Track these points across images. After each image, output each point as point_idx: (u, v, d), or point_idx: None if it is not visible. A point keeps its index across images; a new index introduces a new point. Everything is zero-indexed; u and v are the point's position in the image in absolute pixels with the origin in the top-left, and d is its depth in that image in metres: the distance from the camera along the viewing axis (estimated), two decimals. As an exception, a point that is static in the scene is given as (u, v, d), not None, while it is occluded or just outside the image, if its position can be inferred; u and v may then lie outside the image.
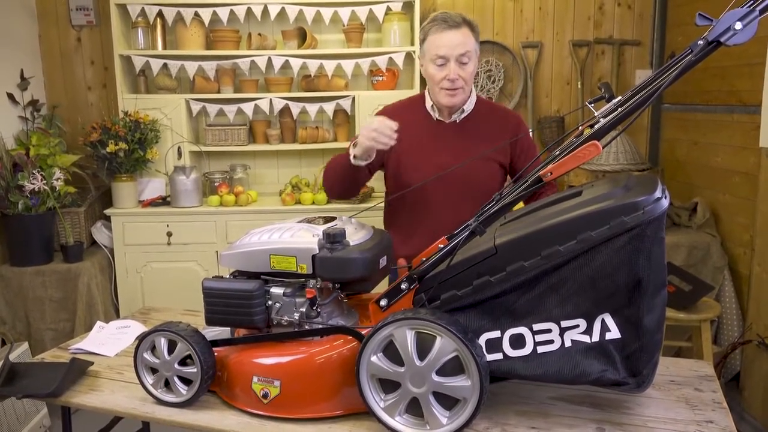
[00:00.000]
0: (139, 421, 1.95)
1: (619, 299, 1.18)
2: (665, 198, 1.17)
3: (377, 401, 1.25)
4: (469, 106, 1.99)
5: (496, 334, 1.23)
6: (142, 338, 1.43)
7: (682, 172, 3.53)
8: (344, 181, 1.93)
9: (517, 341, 1.22)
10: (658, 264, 1.17)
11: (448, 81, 1.88)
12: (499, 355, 1.23)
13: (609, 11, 3.75)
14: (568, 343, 1.20)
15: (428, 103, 2.01)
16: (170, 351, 1.40)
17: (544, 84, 3.82)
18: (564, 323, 1.20)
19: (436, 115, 2.00)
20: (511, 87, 3.81)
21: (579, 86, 3.76)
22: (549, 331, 1.21)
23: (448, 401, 1.21)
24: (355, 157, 1.81)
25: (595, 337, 1.19)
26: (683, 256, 3.03)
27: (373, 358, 1.24)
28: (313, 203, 3.31)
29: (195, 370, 1.37)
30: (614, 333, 1.19)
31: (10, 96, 3.24)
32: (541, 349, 1.21)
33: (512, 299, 1.22)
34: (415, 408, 1.23)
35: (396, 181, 2.00)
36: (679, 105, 3.57)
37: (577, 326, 1.20)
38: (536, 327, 1.21)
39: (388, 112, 2.01)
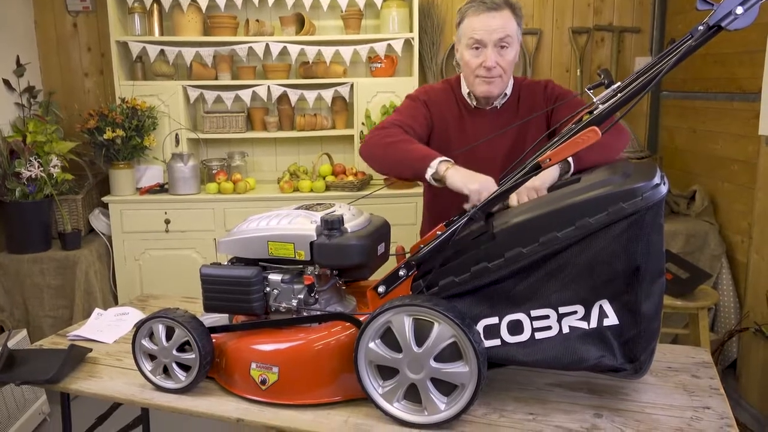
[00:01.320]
0: (137, 408, 1.96)
1: (617, 286, 1.18)
2: (664, 185, 1.17)
3: (375, 387, 1.26)
4: (508, 90, 1.84)
5: (494, 320, 1.23)
6: (140, 325, 1.43)
7: (680, 160, 3.53)
8: (396, 170, 1.70)
9: (515, 327, 1.22)
10: (656, 251, 1.17)
11: (485, 68, 1.72)
12: (497, 341, 1.23)
13: (609, -2, 3.73)
14: (565, 329, 1.20)
15: (464, 90, 1.85)
16: (168, 337, 1.40)
17: (543, 71, 3.79)
18: (562, 309, 1.20)
19: (473, 102, 1.85)
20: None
21: (578, 73, 3.73)
22: (547, 317, 1.21)
23: (446, 387, 1.21)
24: (435, 178, 1.56)
25: (593, 324, 1.20)
26: (681, 243, 3.04)
27: (371, 345, 1.24)
28: (311, 191, 3.30)
29: (193, 356, 1.37)
30: (612, 319, 1.19)
31: (6, 82, 3.22)
32: (539, 335, 1.21)
33: (510, 285, 1.22)
34: (413, 394, 1.24)
35: None
36: (678, 92, 3.56)
37: (575, 312, 1.20)
38: (534, 313, 1.21)
39: (426, 93, 1.89)
